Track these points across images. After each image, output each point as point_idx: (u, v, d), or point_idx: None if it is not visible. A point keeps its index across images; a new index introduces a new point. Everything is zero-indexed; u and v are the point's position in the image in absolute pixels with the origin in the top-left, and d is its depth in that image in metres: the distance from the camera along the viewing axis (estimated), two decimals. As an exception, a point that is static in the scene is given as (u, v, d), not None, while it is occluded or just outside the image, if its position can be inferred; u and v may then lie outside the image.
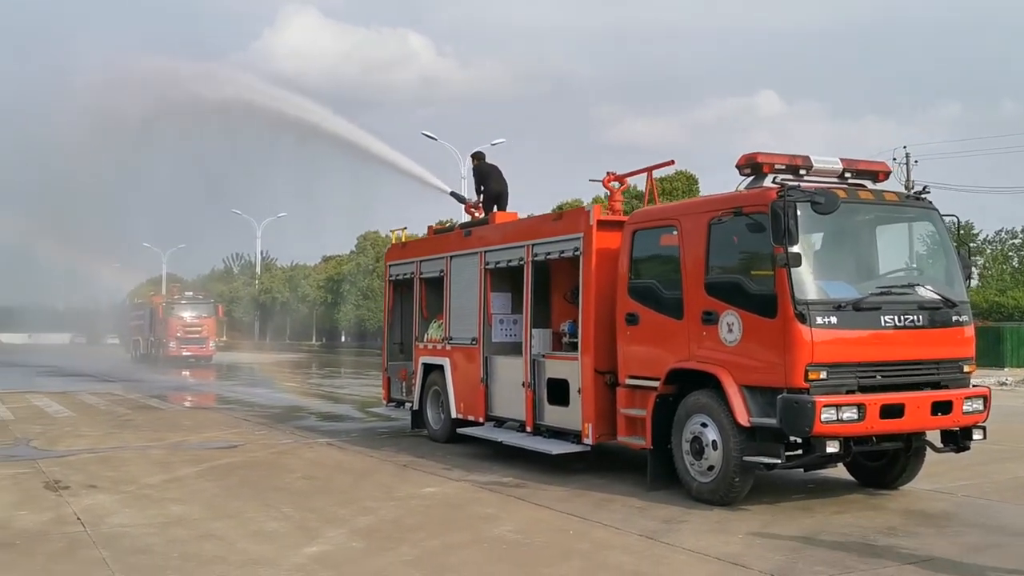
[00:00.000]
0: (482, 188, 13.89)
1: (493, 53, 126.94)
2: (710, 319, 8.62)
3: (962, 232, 10.61)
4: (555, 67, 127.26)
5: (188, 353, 44.57)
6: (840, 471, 9.64)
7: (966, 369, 8.70)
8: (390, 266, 15.16)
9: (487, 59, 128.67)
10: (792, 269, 7.88)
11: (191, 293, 50.49)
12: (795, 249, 7.86)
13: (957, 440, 8.78)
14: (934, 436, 8.95)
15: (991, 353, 31.54)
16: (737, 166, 8.94)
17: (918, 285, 8.71)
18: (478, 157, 14.28)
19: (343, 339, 70.67)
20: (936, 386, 8.47)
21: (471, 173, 14.35)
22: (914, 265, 9.20)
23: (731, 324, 8.42)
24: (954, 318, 8.62)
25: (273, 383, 29.89)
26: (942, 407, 8.34)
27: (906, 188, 40.37)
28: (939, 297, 8.61)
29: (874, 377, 8.18)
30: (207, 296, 51.11)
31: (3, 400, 21.30)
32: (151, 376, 33.95)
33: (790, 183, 8.38)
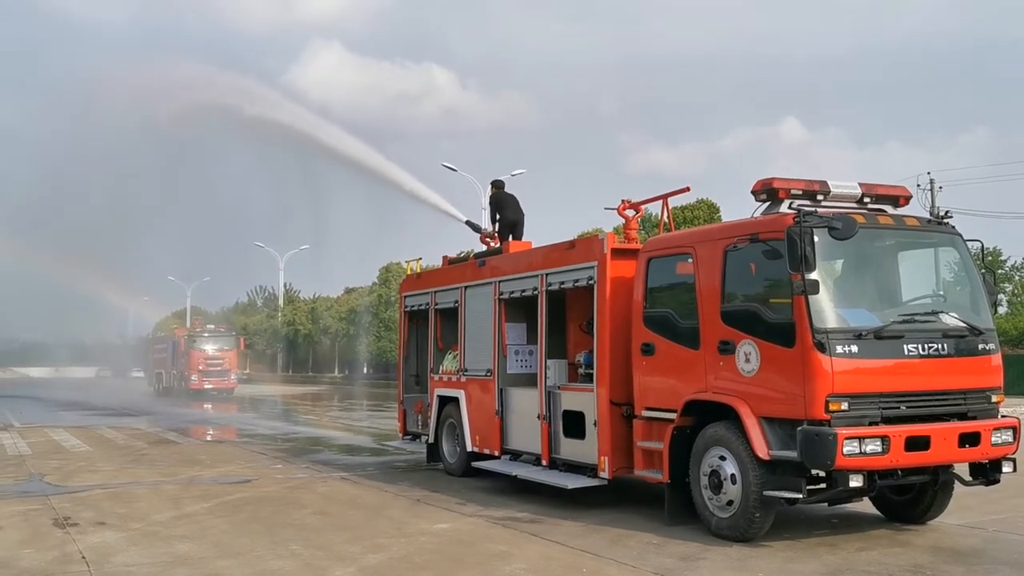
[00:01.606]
0: (498, 217, 13.79)
1: (516, 85, 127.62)
2: (727, 349, 8.40)
3: (988, 258, 10.34)
4: (578, 98, 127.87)
5: (210, 386, 44.64)
6: (865, 505, 9.33)
7: (994, 399, 8.39)
8: (405, 297, 15.04)
9: (510, 91, 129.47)
10: (810, 297, 7.66)
11: (213, 326, 50.79)
12: (812, 276, 7.64)
13: (986, 473, 8.47)
14: (962, 469, 8.62)
15: (1021, 382, 30.87)
16: (753, 192, 8.75)
17: (942, 312, 8.45)
18: (497, 186, 14.19)
19: (365, 371, 70.60)
20: (963, 417, 8.17)
21: (489, 202, 14.25)
22: (938, 292, 8.92)
23: (748, 354, 8.19)
24: (980, 346, 8.34)
25: (292, 416, 29.80)
26: (970, 439, 8.05)
27: (931, 214, 39.95)
28: (964, 324, 8.34)
29: (898, 408, 7.91)
30: (229, 329, 51.37)
31: (23, 435, 21.32)
32: (172, 409, 33.97)
33: (807, 208, 8.17)
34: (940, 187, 44.07)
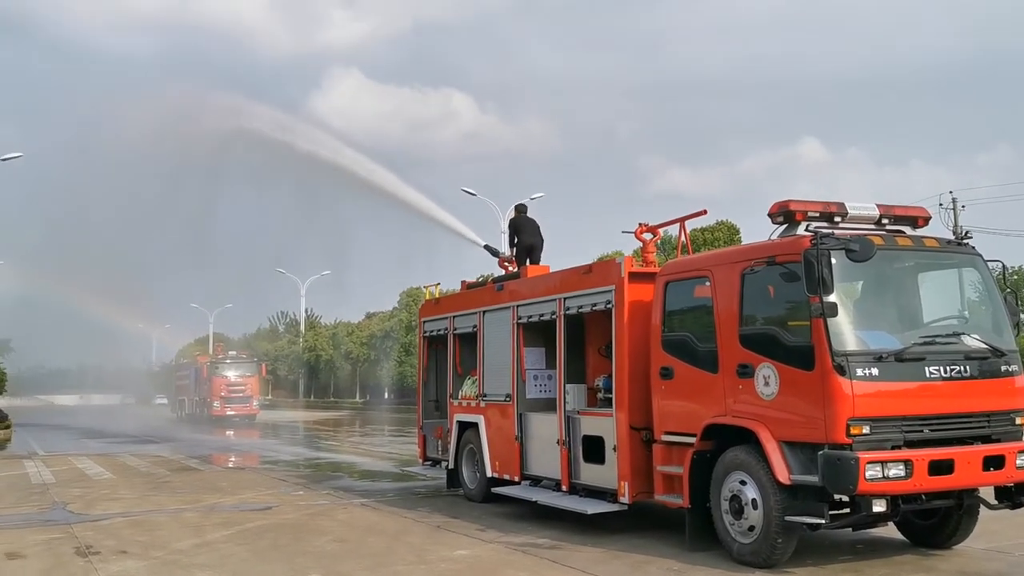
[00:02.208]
0: (515, 240, 13.81)
1: (535, 109, 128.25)
2: (746, 372, 8.35)
3: (1014, 277, 10.23)
4: (597, 121, 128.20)
5: (232, 412, 44.80)
6: (890, 530, 9.21)
7: (1018, 421, 8.28)
8: (424, 322, 15.06)
9: (529, 115, 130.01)
10: (828, 319, 7.61)
11: (235, 352, 51.01)
12: (831, 298, 7.60)
13: (1012, 496, 8.36)
14: (987, 492, 8.51)
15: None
16: (769, 214, 8.72)
17: (964, 334, 8.35)
18: (518, 210, 14.19)
19: (386, 396, 70.65)
20: (987, 440, 8.07)
21: (509, 225, 14.28)
22: (959, 313, 8.82)
23: (767, 377, 8.14)
24: (1003, 368, 8.25)
25: (314, 442, 29.85)
26: (994, 462, 7.93)
27: (954, 234, 39.64)
28: (987, 346, 8.25)
29: (921, 431, 7.82)
30: (250, 355, 51.60)
31: (47, 463, 21.46)
32: (194, 436, 34.09)
33: (824, 231, 8.13)
34: (963, 206, 43.84)
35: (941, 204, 43.06)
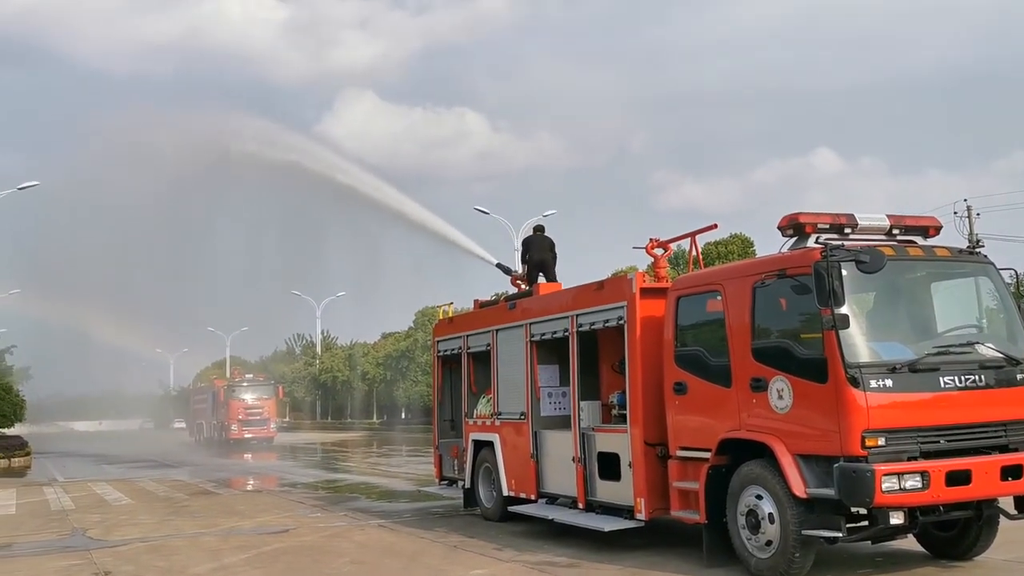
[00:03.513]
0: (527, 257, 13.83)
1: (547, 126, 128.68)
2: (759, 386, 8.32)
3: (1024, 285, 10.17)
4: (610, 136, 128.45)
5: (250, 435, 44.94)
6: (910, 542, 9.12)
7: (1036, 430, 8.21)
8: (438, 342, 15.08)
9: (541, 132, 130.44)
10: (841, 331, 7.59)
11: (251, 375, 51.22)
12: (842, 310, 7.58)
13: (1031, 506, 8.27)
14: (1007, 503, 8.43)
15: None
16: (779, 227, 8.72)
17: (978, 343, 8.31)
18: (535, 229, 14.18)
19: (403, 416, 70.68)
20: (1004, 449, 7.99)
21: (522, 244, 14.30)
22: (972, 322, 8.77)
23: (781, 390, 8.11)
24: (1019, 376, 8.18)
25: (331, 463, 29.87)
26: (1012, 471, 7.86)
27: (969, 242, 39.41)
28: (1001, 355, 8.20)
29: (937, 442, 7.76)
30: (267, 378, 51.76)
31: (66, 489, 21.56)
32: (212, 459, 34.19)
33: (834, 242, 8.12)
34: (978, 214, 43.53)
35: (956, 212, 42.80)
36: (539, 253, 13.65)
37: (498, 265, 16.27)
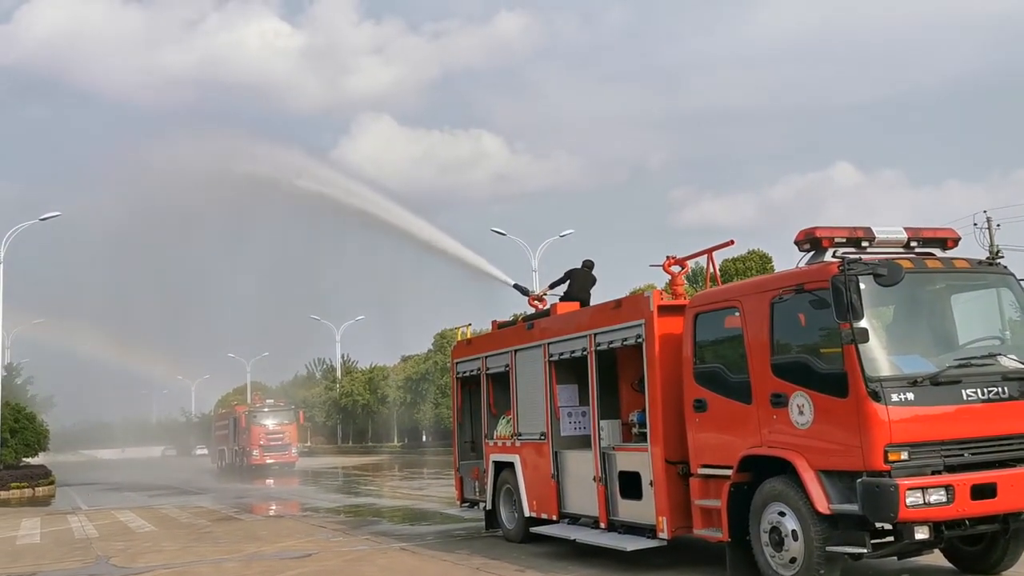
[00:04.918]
0: (563, 285, 13.54)
1: (565, 146, 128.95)
2: (779, 402, 8.28)
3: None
4: (628, 155, 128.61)
5: (271, 460, 44.97)
6: (936, 557, 9.02)
7: (1062, 441, 8.11)
8: (457, 363, 15.09)
9: (559, 152, 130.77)
10: (860, 345, 7.55)
11: (272, 401, 51.31)
12: (861, 324, 7.55)
13: (1060, 519, 8.15)
14: (1034, 515, 8.31)
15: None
16: (796, 242, 8.71)
17: (1000, 354, 8.24)
18: (586, 265, 13.66)
19: (424, 439, 70.60)
20: (1030, 461, 7.90)
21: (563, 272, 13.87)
22: (994, 334, 8.68)
23: (801, 406, 8.07)
24: (1043, 388, 8.09)
25: (353, 487, 29.86)
26: (1039, 484, 7.77)
27: (990, 253, 39.11)
28: (1024, 366, 8.12)
29: (961, 455, 7.69)
30: (288, 403, 51.85)
31: (90, 517, 21.65)
32: (234, 485, 34.26)
33: (851, 256, 8.09)
34: (998, 225, 43.23)
35: (976, 224, 42.55)
36: (581, 292, 13.38)
37: (515, 286, 16.28)
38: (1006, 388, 7.94)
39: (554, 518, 11.84)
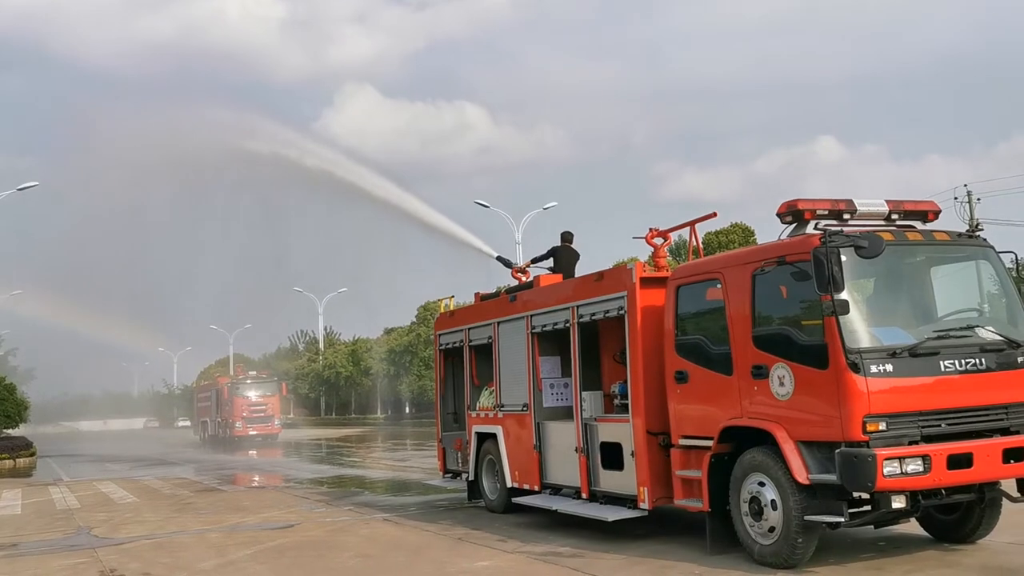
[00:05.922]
0: (547, 261, 13.50)
1: (548, 119, 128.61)
2: (760, 373, 8.33)
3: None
4: (610, 128, 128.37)
5: (254, 432, 45.03)
6: (913, 526, 9.15)
7: (1038, 413, 8.21)
8: (439, 335, 15.09)
9: (542, 125, 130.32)
10: (841, 317, 7.59)
11: (255, 373, 51.27)
12: (842, 296, 7.58)
13: (1034, 488, 8.27)
14: (1009, 485, 8.43)
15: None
16: (778, 214, 8.72)
17: (978, 327, 8.31)
18: (564, 238, 13.66)
19: (407, 410, 70.79)
20: (1006, 432, 7.99)
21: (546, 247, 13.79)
22: (972, 306, 8.76)
23: (782, 377, 8.12)
24: (1020, 359, 8.18)
25: (336, 459, 29.92)
26: (1014, 454, 7.86)
27: (970, 226, 39.37)
28: (1002, 338, 8.19)
29: (938, 426, 7.77)
30: (271, 375, 51.80)
31: (71, 488, 21.60)
32: (217, 457, 34.26)
33: (832, 228, 8.12)
34: (978, 199, 43.51)
35: (956, 197, 42.82)
36: (566, 269, 13.34)
37: (498, 258, 16.26)
38: (983, 360, 8.01)
39: (536, 489, 11.91)
